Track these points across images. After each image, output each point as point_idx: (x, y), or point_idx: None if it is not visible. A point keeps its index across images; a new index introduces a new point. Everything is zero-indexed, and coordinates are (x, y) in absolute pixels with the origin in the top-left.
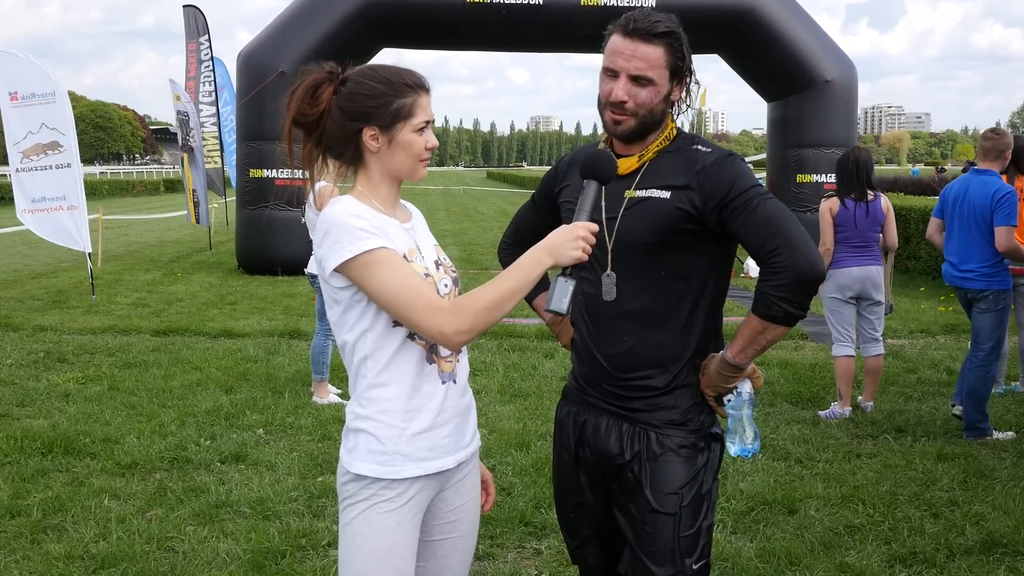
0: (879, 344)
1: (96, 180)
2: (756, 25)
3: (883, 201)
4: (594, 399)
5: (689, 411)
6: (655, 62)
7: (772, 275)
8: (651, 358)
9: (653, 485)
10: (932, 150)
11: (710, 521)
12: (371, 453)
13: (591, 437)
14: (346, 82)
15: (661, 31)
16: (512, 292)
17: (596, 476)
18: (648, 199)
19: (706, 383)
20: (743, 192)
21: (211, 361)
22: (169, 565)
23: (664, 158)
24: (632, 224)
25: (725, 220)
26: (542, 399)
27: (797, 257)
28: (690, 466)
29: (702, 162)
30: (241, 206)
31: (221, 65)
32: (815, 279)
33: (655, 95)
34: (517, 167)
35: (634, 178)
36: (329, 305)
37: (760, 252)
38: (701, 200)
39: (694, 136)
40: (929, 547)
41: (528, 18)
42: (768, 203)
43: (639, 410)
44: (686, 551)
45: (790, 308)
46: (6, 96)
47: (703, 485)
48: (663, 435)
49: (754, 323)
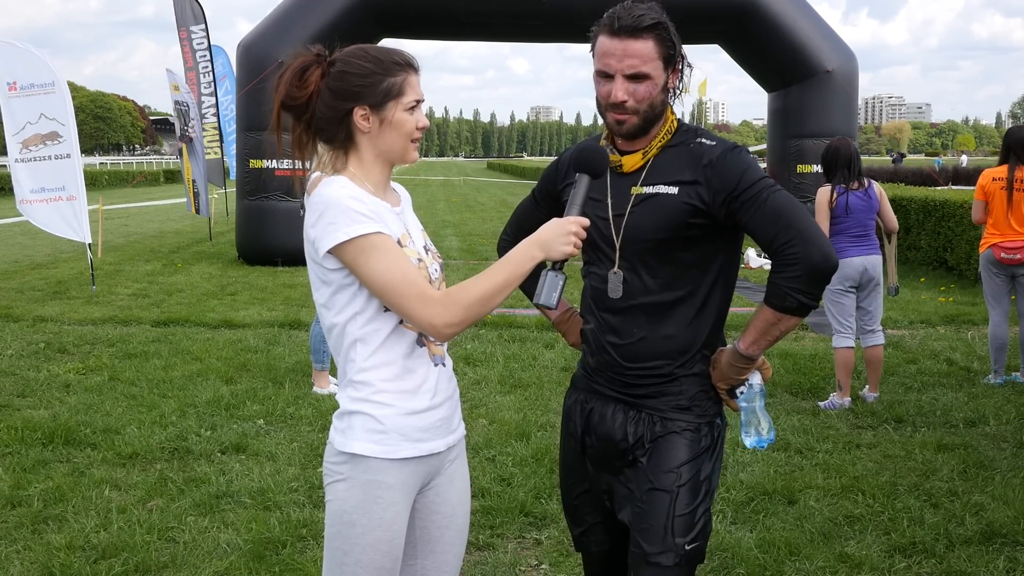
0: (878, 334)
1: (96, 170)
2: (757, 15)
3: (876, 188)
4: (601, 387)
5: (695, 397)
6: (647, 56)
7: (786, 267)
8: (660, 349)
9: (652, 463)
10: (933, 140)
11: (707, 506)
12: (368, 432)
13: (597, 424)
14: (334, 63)
15: (648, 24)
16: (503, 285)
17: (602, 463)
18: (656, 195)
19: (718, 377)
20: (752, 185)
21: (211, 352)
22: (170, 555)
23: (668, 153)
24: (640, 220)
25: (735, 213)
26: (542, 390)
27: (811, 249)
28: (692, 448)
29: (708, 156)
30: (241, 196)
31: (222, 53)
32: (829, 270)
33: (653, 88)
34: (517, 157)
35: (639, 175)
36: (316, 286)
37: (772, 244)
38: (709, 195)
39: (696, 128)
40: (929, 537)
41: (528, 8)
42: (778, 195)
43: (645, 396)
44: (679, 531)
45: (804, 299)
46: (4, 86)
47: (703, 469)
48: (667, 418)
49: (767, 314)
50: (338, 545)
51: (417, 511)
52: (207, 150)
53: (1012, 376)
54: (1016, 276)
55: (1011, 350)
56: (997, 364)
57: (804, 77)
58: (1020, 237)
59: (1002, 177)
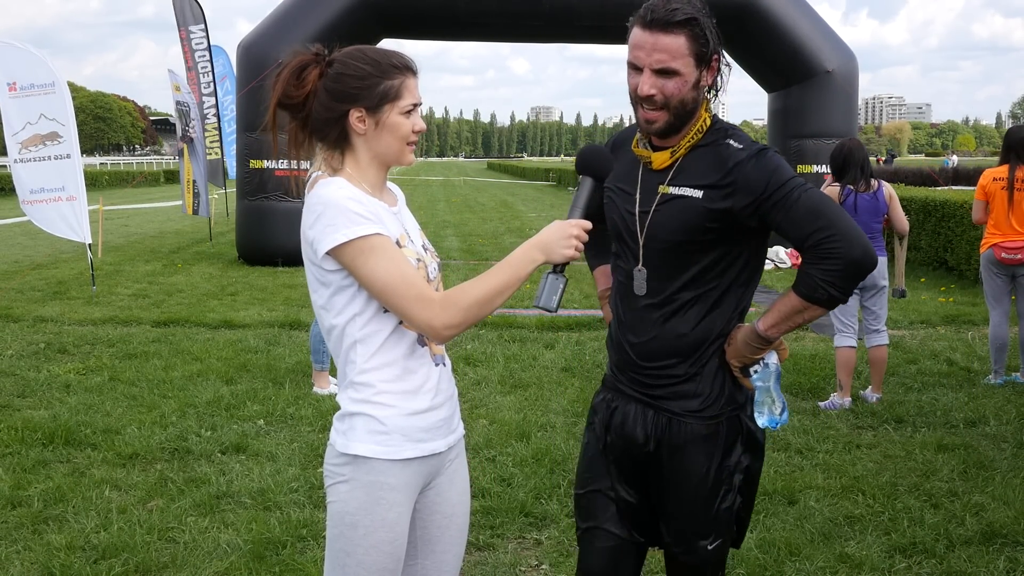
0: (883, 334)
1: (96, 171)
2: (756, 15)
3: (885, 189)
4: (624, 386)
5: (709, 398)
6: (677, 52)
7: (823, 260)
8: (673, 348)
9: (671, 470)
10: (933, 141)
11: (728, 504)
12: (370, 433)
13: (619, 424)
14: (332, 64)
15: (680, 19)
16: (502, 288)
17: (622, 462)
18: (680, 197)
19: (732, 353)
20: (781, 186)
21: (212, 352)
22: (170, 555)
23: (696, 153)
24: (663, 221)
25: (765, 216)
26: (542, 390)
27: (853, 245)
28: (708, 453)
29: (734, 159)
30: (241, 197)
31: (222, 53)
32: (868, 267)
33: (683, 85)
34: (517, 158)
35: (667, 173)
36: (315, 288)
37: (808, 240)
38: (735, 200)
39: (727, 127)
40: (929, 537)
41: (528, 8)
42: (810, 193)
43: (662, 397)
44: (702, 533)
45: (835, 292)
46: (4, 87)
47: (722, 471)
48: (683, 422)
49: (794, 301)
50: (340, 547)
51: (417, 511)
52: (208, 150)
53: (1012, 376)
54: (1017, 276)
55: (1011, 350)
56: (997, 364)
57: (804, 77)
58: (1021, 237)
59: (1003, 177)
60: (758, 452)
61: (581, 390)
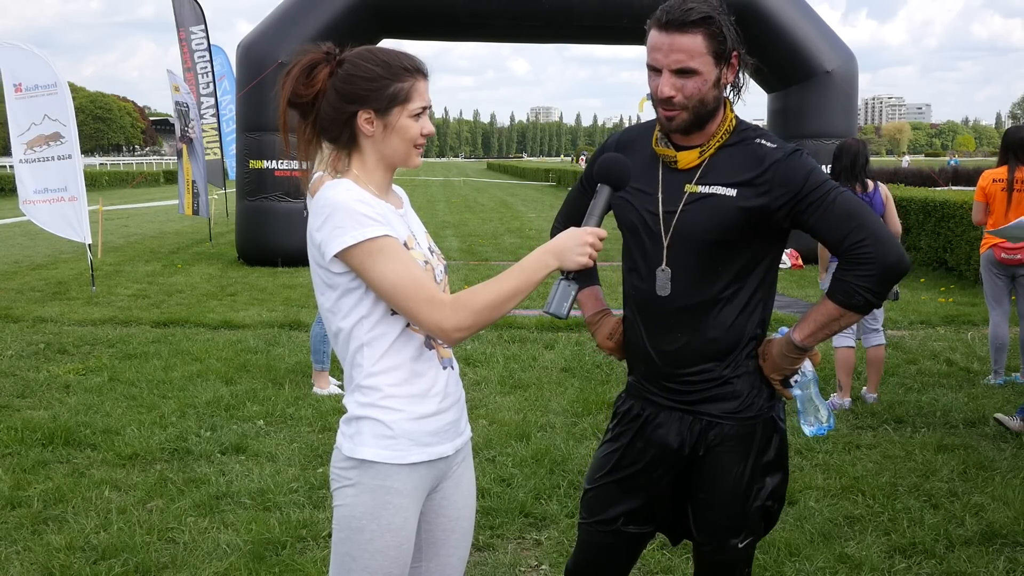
0: (880, 334)
1: (96, 171)
2: (756, 15)
3: (882, 190)
4: (655, 395)
5: (747, 399)
6: (695, 51)
7: (858, 265)
8: (706, 352)
9: (708, 470)
10: (932, 141)
11: (760, 503)
12: (377, 438)
13: (651, 432)
14: (343, 63)
15: (696, 18)
16: (514, 292)
17: (652, 467)
18: (712, 195)
19: (770, 368)
20: (818, 187)
21: (211, 352)
22: (170, 556)
23: (726, 152)
24: (693, 220)
25: (799, 215)
26: (542, 390)
27: (887, 250)
28: (744, 452)
29: (770, 158)
30: (241, 197)
31: (221, 53)
32: (902, 271)
33: (702, 84)
34: (517, 158)
35: (695, 173)
36: (321, 291)
37: (843, 243)
38: (770, 198)
39: (756, 128)
40: (929, 538)
41: (528, 8)
42: (844, 196)
43: (699, 402)
44: (733, 531)
45: (871, 297)
46: (11, 88)
47: (756, 469)
48: (719, 423)
49: (831, 309)
50: (346, 551)
51: (423, 514)
52: (207, 151)
53: (1012, 376)
54: (1016, 277)
55: (1011, 350)
56: (997, 365)
57: (804, 78)
58: None
59: (1002, 178)
60: (787, 450)
61: (581, 390)
